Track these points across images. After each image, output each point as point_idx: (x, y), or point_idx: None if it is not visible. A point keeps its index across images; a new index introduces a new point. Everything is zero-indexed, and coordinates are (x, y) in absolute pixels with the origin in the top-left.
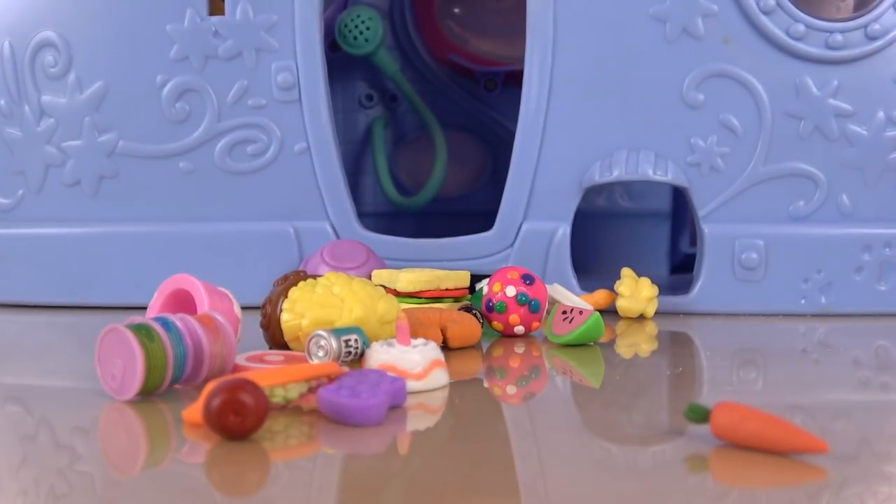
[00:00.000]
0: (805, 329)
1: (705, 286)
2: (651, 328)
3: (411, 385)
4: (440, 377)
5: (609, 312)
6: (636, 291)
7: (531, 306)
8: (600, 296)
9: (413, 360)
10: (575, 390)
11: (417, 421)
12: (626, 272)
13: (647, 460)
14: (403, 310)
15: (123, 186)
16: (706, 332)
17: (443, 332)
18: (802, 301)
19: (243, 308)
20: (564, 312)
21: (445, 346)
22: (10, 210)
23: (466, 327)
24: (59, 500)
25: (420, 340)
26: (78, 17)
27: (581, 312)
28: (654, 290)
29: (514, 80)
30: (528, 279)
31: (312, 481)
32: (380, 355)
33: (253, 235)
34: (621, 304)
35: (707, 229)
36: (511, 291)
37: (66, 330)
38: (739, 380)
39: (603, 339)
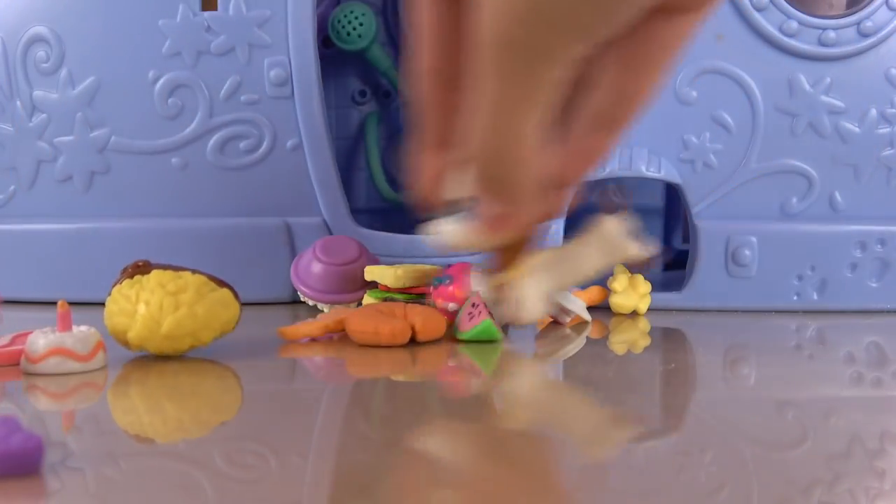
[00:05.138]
0: (798, 325)
1: (698, 282)
2: (644, 324)
3: (75, 366)
4: (101, 358)
5: (603, 308)
6: (629, 288)
7: (444, 283)
8: (593, 292)
9: (80, 341)
10: (567, 386)
11: (405, 417)
12: (620, 269)
13: (639, 456)
14: (367, 305)
15: (115, 182)
16: (699, 329)
17: (411, 326)
18: (795, 297)
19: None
20: (474, 305)
21: (414, 340)
22: (2, 206)
23: (432, 320)
24: (51, 497)
25: (84, 327)
26: (70, 13)
27: (480, 313)
28: (647, 286)
29: None
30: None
31: (305, 477)
32: (46, 339)
33: (245, 231)
34: (614, 300)
35: (700, 226)
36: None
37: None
38: (732, 375)
39: (596, 335)
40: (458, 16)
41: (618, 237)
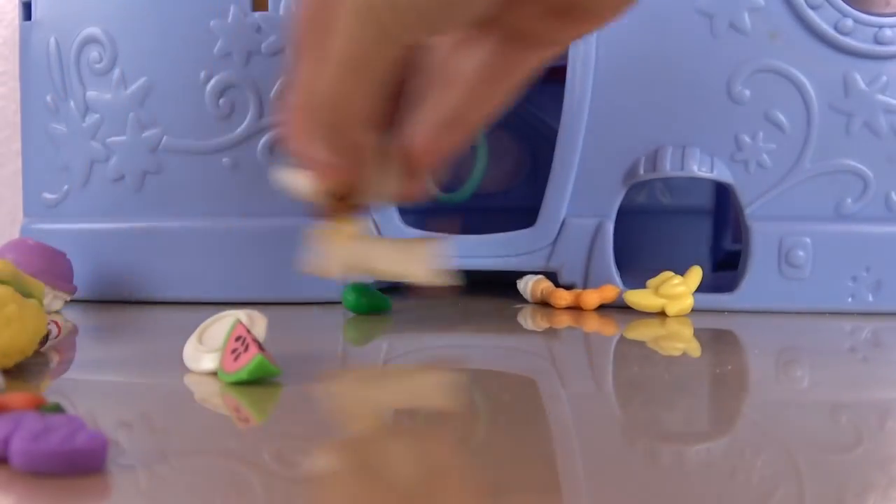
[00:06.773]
0: (852, 327)
1: (750, 284)
2: (693, 325)
3: None
4: None
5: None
6: (666, 289)
7: None
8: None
9: None
10: (615, 388)
11: (454, 416)
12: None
13: (691, 458)
14: None
15: (167, 182)
16: (751, 330)
17: None
18: (849, 299)
19: (286, 304)
20: (239, 340)
21: None
22: (56, 205)
23: None
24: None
25: None
26: (123, 14)
27: (247, 348)
28: (686, 287)
29: (554, 75)
30: None
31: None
32: None
33: (295, 231)
34: (631, 298)
35: (753, 227)
36: None
37: (111, 324)
38: (786, 378)
39: (646, 337)
40: None
41: (425, 257)
